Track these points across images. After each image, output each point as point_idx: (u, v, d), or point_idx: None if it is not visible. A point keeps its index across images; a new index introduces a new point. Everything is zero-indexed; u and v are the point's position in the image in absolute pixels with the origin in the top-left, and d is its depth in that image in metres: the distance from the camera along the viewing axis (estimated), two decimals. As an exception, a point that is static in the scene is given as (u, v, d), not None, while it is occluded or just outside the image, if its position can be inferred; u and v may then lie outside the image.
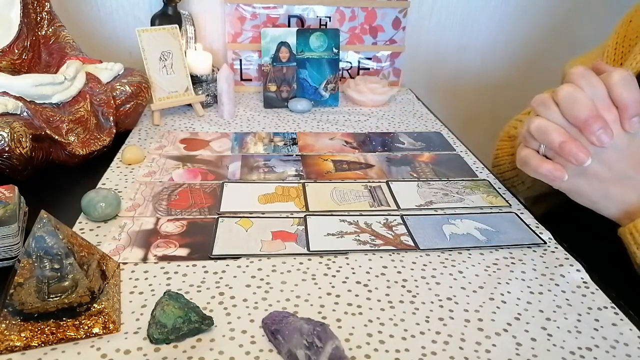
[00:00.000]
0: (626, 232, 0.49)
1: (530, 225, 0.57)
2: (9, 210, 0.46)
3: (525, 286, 0.48)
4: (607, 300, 0.46)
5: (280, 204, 0.59)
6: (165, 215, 0.56)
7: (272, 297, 0.44)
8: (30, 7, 0.75)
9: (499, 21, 1.14)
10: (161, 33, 0.81)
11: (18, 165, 0.58)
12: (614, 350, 0.41)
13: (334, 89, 0.94)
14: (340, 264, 0.49)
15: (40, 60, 0.77)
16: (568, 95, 0.47)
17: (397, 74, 1.06)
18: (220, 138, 0.77)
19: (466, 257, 0.51)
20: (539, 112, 0.49)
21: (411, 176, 0.68)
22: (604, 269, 0.50)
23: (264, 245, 0.51)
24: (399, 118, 0.90)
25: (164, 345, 0.38)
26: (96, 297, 0.39)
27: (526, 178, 0.68)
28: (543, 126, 0.48)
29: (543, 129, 0.48)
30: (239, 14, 0.96)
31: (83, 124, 0.66)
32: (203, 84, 0.88)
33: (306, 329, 0.37)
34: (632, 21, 0.64)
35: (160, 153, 0.71)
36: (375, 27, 1.01)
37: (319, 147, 0.76)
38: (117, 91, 0.72)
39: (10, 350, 0.37)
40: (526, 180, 0.68)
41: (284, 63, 0.91)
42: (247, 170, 0.67)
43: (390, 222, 0.57)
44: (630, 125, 0.46)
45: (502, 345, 0.41)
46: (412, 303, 0.45)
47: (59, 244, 0.37)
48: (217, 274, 0.47)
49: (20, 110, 0.60)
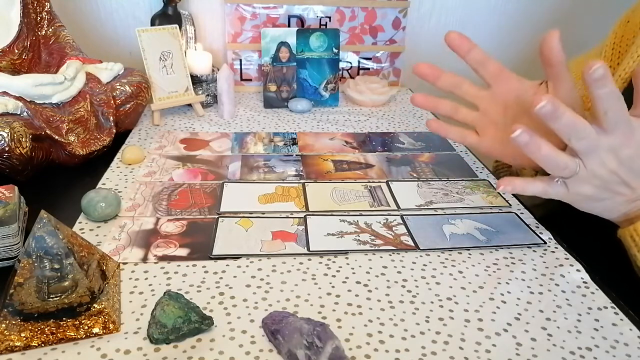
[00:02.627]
0: (626, 234, 0.49)
1: (530, 225, 0.57)
2: (9, 210, 0.46)
3: (525, 286, 0.48)
4: (607, 300, 0.46)
5: (280, 204, 0.59)
6: (165, 215, 0.56)
7: (272, 297, 0.44)
8: (30, 7, 0.75)
9: (499, 21, 1.14)
10: (161, 33, 0.81)
11: (18, 165, 0.58)
12: (614, 350, 0.41)
13: (334, 89, 0.94)
14: (340, 264, 0.49)
15: (40, 60, 0.77)
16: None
17: (397, 74, 1.06)
18: (220, 138, 0.77)
19: (466, 257, 0.51)
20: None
21: (411, 176, 0.68)
22: (604, 269, 0.50)
23: (264, 245, 0.51)
24: (399, 118, 0.90)
25: (164, 345, 0.38)
26: (96, 297, 0.39)
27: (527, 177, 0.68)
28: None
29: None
30: (239, 14, 0.96)
31: (83, 124, 0.66)
32: (203, 84, 0.88)
33: (306, 329, 0.37)
34: (630, 21, 0.64)
35: (160, 153, 0.71)
36: (375, 27, 1.01)
37: (319, 147, 0.76)
38: (117, 91, 0.72)
39: (10, 350, 0.37)
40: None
41: (284, 63, 0.91)
42: (247, 170, 0.67)
43: (390, 222, 0.57)
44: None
45: (502, 345, 0.41)
46: (412, 303, 0.45)
47: (59, 244, 0.37)
48: (217, 274, 0.47)
49: (20, 110, 0.60)
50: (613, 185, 0.47)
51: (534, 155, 0.44)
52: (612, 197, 0.48)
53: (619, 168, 0.45)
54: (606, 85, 0.41)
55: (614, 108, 0.42)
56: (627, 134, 0.44)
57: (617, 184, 0.47)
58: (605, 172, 0.46)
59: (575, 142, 0.44)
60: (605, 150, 0.44)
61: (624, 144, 0.44)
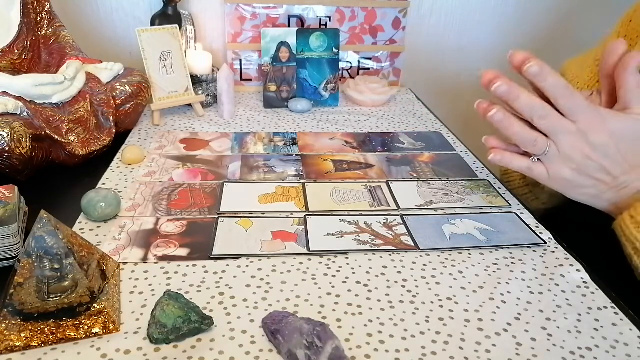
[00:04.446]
0: (616, 224, 0.51)
1: (530, 225, 0.57)
2: (9, 210, 0.46)
3: (525, 286, 0.48)
4: (607, 300, 0.46)
5: (280, 204, 0.59)
6: (165, 215, 0.56)
7: (272, 297, 0.44)
8: (30, 7, 0.75)
9: (498, 21, 1.14)
10: (161, 33, 0.81)
11: (18, 165, 0.58)
12: (614, 350, 0.41)
13: (334, 89, 0.94)
14: (340, 264, 0.49)
15: (40, 60, 0.77)
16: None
17: (397, 74, 1.06)
18: (220, 138, 0.77)
19: (466, 257, 0.51)
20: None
21: (411, 176, 0.68)
22: (604, 269, 0.50)
23: (264, 245, 0.51)
24: (399, 118, 0.90)
25: (164, 345, 0.38)
26: (96, 297, 0.39)
27: (540, 194, 0.68)
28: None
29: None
30: (239, 14, 0.96)
31: (83, 124, 0.66)
32: (203, 84, 0.88)
33: (306, 329, 0.37)
34: (632, 21, 0.64)
35: (160, 153, 0.71)
36: (375, 27, 1.01)
37: (319, 147, 0.76)
38: (117, 91, 0.72)
39: (10, 350, 0.37)
40: (541, 196, 0.68)
41: (284, 63, 0.91)
42: (247, 170, 0.67)
43: (390, 222, 0.57)
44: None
45: (502, 345, 0.41)
46: (412, 303, 0.45)
47: (59, 244, 0.37)
48: (217, 274, 0.47)
49: (20, 110, 0.60)
50: (591, 170, 0.49)
51: (508, 131, 0.49)
52: (595, 185, 0.51)
53: (592, 153, 0.48)
54: (546, 79, 0.46)
55: (564, 97, 0.47)
56: (593, 121, 0.47)
57: (595, 169, 0.49)
58: (578, 155, 0.49)
59: (538, 121, 0.48)
60: (573, 134, 0.48)
61: (592, 129, 0.47)
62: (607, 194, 0.51)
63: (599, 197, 0.52)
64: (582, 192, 0.52)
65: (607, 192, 0.51)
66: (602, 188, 0.51)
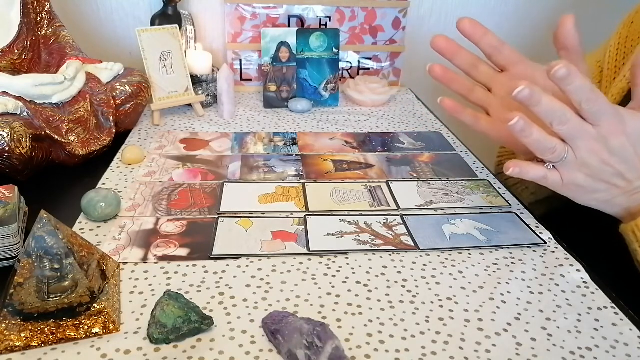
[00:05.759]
0: (628, 229, 0.49)
1: (530, 225, 0.57)
2: (9, 210, 0.46)
3: (525, 286, 0.48)
4: (607, 300, 0.46)
5: (280, 204, 0.59)
6: (165, 215, 0.56)
7: (272, 297, 0.44)
8: (30, 7, 0.75)
9: (498, 21, 1.14)
10: (161, 33, 0.81)
11: (18, 165, 0.58)
12: (614, 350, 0.41)
13: (334, 89, 0.94)
14: (340, 264, 0.49)
15: (40, 60, 0.77)
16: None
17: (397, 74, 1.06)
18: (220, 138, 0.77)
19: (466, 257, 0.51)
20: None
21: (411, 176, 0.68)
22: (604, 269, 0.50)
23: (264, 245, 0.51)
24: (399, 118, 0.90)
25: (164, 345, 0.38)
26: (96, 297, 0.39)
27: (529, 184, 0.68)
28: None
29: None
30: (239, 14, 0.96)
31: (83, 124, 0.66)
32: (203, 84, 0.88)
33: (306, 329, 0.37)
34: (634, 22, 0.64)
35: (160, 153, 0.71)
36: (375, 27, 1.01)
37: (319, 147, 0.76)
38: (117, 91, 0.72)
39: (10, 350, 0.37)
40: (530, 186, 0.68)
41: (284, 63, 0.91)
42: (247, 170, 0.67)
43: (390, 222, 0.57)
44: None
45: (502, 345, 0.41)
46: (412, 303, 0.45)
47: (59, 244, 0.37)
48: (217, 274, 0.47)
49: (20, 110, 0.60)
50: (606, 176, 0.47)
51: (527, 139, 0.46)
52: (608, 190, 0.49)
53: (610, 158, 0.46)
54: (573, 82, 0.42)
55: (589, 100, 0.43)
56: (615, 124, 0.45)
57: (611, 175, 0.47)
58: (596, 161, 0.46)
59: (558, 127, 0.45)
60: (593, 139, 0.45)
61: (612, 133, 0.45)
62: (619, 199, 0.50)
63: (610, 202, 0.50)
64: (594, 197, 0.50)
65: (620, 197, 0.49)
66: (615, 193, 0.49)
